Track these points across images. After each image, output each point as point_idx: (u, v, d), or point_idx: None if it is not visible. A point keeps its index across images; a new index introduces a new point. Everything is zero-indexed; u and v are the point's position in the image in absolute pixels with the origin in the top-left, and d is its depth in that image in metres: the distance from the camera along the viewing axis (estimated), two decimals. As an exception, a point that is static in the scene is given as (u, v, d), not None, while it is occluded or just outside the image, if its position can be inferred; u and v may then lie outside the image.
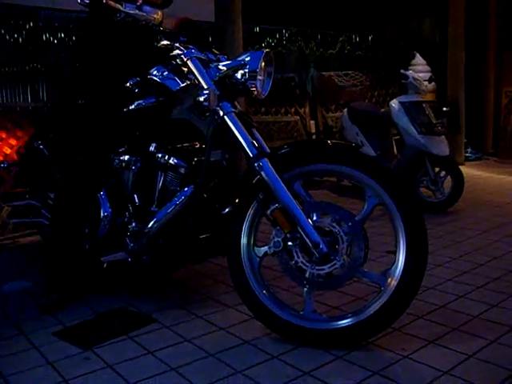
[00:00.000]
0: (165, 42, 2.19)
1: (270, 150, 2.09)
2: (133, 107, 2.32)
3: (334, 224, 1.91)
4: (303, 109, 6.03)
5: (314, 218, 1.93)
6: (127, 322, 2.25)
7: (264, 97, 2.18)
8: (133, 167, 2.36)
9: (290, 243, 1.94)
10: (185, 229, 2.23)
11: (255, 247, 2.05)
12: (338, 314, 2.15)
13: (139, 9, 2.32)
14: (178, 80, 2.22)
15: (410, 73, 4.27)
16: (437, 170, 4.22)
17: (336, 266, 1.90)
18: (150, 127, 2.34)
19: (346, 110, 4.98)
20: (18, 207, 2.98)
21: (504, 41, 7.55)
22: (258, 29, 6.00)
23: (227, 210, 2.09)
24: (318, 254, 1.89)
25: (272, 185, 1.92)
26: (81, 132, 2.47)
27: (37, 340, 2.11)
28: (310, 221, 1.91)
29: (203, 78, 2.07)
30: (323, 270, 1.91)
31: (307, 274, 1.94)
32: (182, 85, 2.21)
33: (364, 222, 1.93)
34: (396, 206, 1.87)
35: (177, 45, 2.16)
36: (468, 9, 6.65)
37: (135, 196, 2.38)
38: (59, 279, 2.45)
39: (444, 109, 4.48)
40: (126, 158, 2.37)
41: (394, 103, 4.29)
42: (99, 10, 2.25)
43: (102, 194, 2.42)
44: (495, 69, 7.62)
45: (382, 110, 4.77)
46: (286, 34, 6.22)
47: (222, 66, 2.12)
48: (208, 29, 5.11)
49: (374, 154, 4.52)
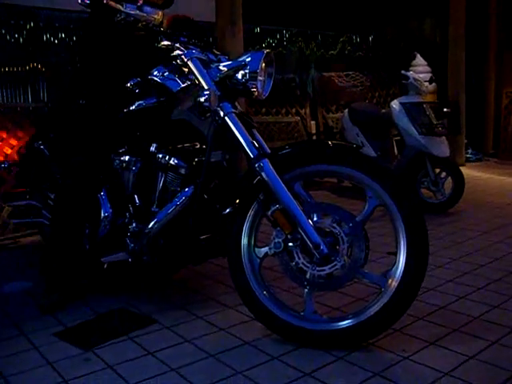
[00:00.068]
0: (165, 43, 2.19)
1: (270, 151, 2.09)
2: (133, 107, 2.32)
3: (335, 225, 1.91)
4: (304, 109, 6.03)
5: (315, 219, 1.93)
6: (128, 323, 2.25)
7: (264, 97, 2.18)
8: (133, 167, 2.36)
9: (290, 244, 1.94)
10: (185, 229, 2.24)
11: (256, 248, 2.05)
12: (338, 315, 2.15)
13: (140, 9, 2.32)
14: (178, 80, 2.22)
15: (411, 73, 4.27)
16: (437, 170, 4.22)
17: (336, 266, 1.90)
18: (151, 128, 2.34)
19: (346, 111, 4.97)
20: (18, 207, 2.98)
21: (504, 41, 7.56)
22: (258, 29, 6.00)
23: (228, 210, 2.09)
24: (318, 255, 1.89)
25: (272, 186, 1.92)
26: (81, 132, 2.48)
27: (37, 340, 2.11)
28: (310, 222, 1.91)
29: (204, 78, 2.07)
30: (324, 270, 1.91)
31: (308, 275, 1.94)
32: (183, 85, 2.21)
33: (365, 222, 1.93)
34: (397, 207, 1.87)
35: (177, 45, 2.17)
36: (468, 9, 6.65)
37: (135, 196, 2.38)
38: (59, 279, 2.45)
39: (445, 109, 4.47)
40: (126, 158, 2.37)
41: (395, 104, 4.29)
42: (100, 11, 2.25)
43: (102, 194, 2.42)
44: (496, 69, 7.63)
45: (383, 111, 4.77)
46: (287, 35, 6.21)
47: (222, 67, 2.12)
48: (209, 29, 5.11)
49: (375, 155, 4.52)
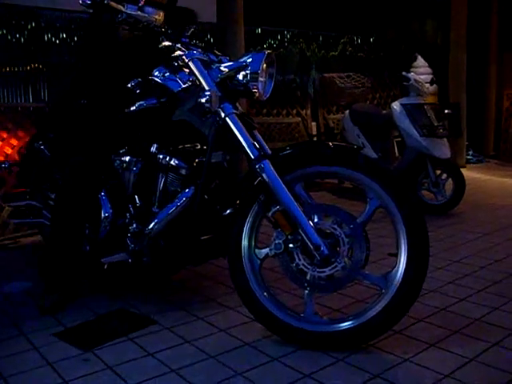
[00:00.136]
0: (166, 43, 2.19)
1: (271, 152, 2.09)
2: (134, 108, 2.32)
3: (336, 226, 1.91)
4: (305, 110, 6.02)
5: (316, 220, 1.93)
6: (127, 324, 2.25)
7: (266, 98, 2.18)
8: (134, 168, 2.36)
9: (290, 245, 1.94)
10: (185, 230, 2.23)
11: (256, 249, 2.05)
12: (338, 317, 2.15)
13: (141, 10, 2.31)
14: (179, 81, 2.22)
15: (412, 75, 4.26)
16: (438, 172, 4.22)
17: (337, 268, 1.89)
18: (151, 128, 2.34)
19: (347, 112, 4.97)
20: (18, 207, 2.97)
21: (505, 43, 7.55)
22: (259, 30, 5.99)
23: (228, 211, 2.09)
24: (319, 257, 1.88)
25: (273, 187, 1.92)
26: (82, 132, 2.47)
27: (37, 340, 2.11)
28: (311, 223, 1.90)
29: (205, 79, 2.07)
30: (324, 272, 1.91)
31: (308, 277, 1.94)
32: (184, 86, 2.20)
33: (365, 224, 1.93)
34: (397, 208, 1.87)
35: (178, 46, 2.17)
36: (470, 11, 6.65)
37: (136, 197, 2.38)
38: (59, 280, 2.45)
39: (446, 111, 4.47)
40: (127, 158, 2.36)
41: (396, 105, 4.29)
42: (101, 11, 2.25)
43: (102, 194, 2.42)
44: (496, 71, 7.62)
45: (384, 112, 4.76)
46: (288, 36, 6.20)
47: (223, 68, 2.12)
48: (210, 30, 5.12)
49: (375, 156, 4.51)
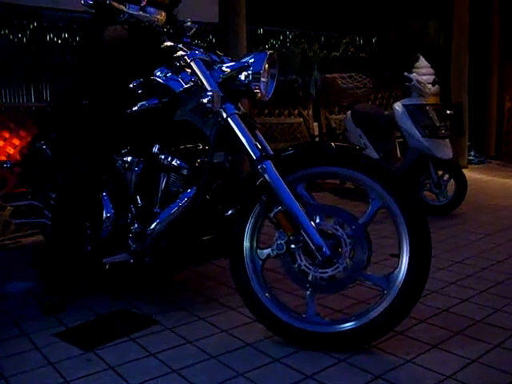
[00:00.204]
0: (168, 43, 2.18)
1: (273, 152, 2.09)
2: (136, 108, 2.32)
3: (338, 227, 1.91)
4: (306, 111, 6.02)
5: (317, 221, 1.93)
6: (129, 324, 2.25)
7: (268, 99, 2.17)
8: (135, 168, 2.36)
9: (292, 246, 1.94)
10: (187, 230, 2.23)
11: (258, 249, 2.05)
12: (340, 318, 2.15)
13: (143, 10, 2.31)
14: (181, 81, 2.21)
15: (414, 75, 4.26)
16: (440, 173, 4.21)
17: (339, 269, 1.89)
18: (153, 128, 2.33)
19: (349, 113, 4.96)
20: (20, 207, 2.97)
21: (508, 44, 7.53)
22: (261, 30, 6.00)
23: (230, 211, 2.09)
24: (321, 257, 1.88)
25: (275, 187, 1.91)
26: (83, 133, 2.47)
27: (38, 340, 2.11)
28: (313, 223, 1.90)
29: (207, 79, 2.07)
30: (326, 273, 1.90)
31: (310, 277, 1.93)
32: (186, 86, 2.20)
33: (367, 224, 1.92)
34: (399, 209, 1.87)
35: (180, 46, 2.16)
36: (472, 11, 6.63)
37: (138, 197, 2.37)
38: (60, 280, 2.45)
39: (448, 112, 4.46)
40: (128, 159, 2.36)
41: (398, 106, 4.28)
42: (103, 11, 2.25)
43: (104, 195, 2.42)
44: (498, 72, 7.61)
45: (386, 113, 4.76)
46: (290, 36, 6.21)
47: (225, 68, 2.12)
48: (212, 30, 5.12)
49: (377, 157, 4.50)
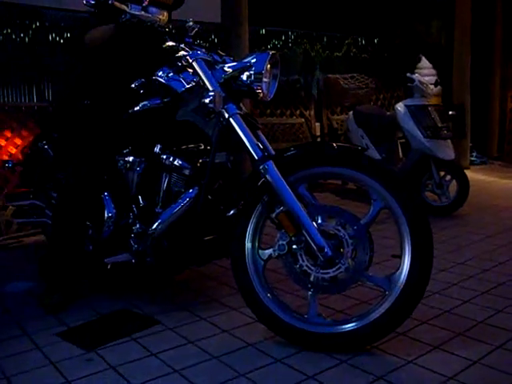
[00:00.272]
0: (170, 43, 2.18)
1: (274, 153, 2.08)
2: (138, 108, 2.32)
3: (339, 227, 1.90)
4: (308, 111, 6.02)
5: (319, 221, 1.92)
6: (130, 324, 2.25)
7: (269, 99, 2.17)
8: (137, 168, 2.36)
9: (294, 246, 1.94)
10: (189, 230, 2.23)
11: (260, 250, 2.04)
12: (342, 318, 2.14)
13: (145, 10, 2.31)
14: (183, 81, 2.21)
15: (416, 76, 4.26)
16: (442, 173, 4.21)
17: (341, 269, 1.89)
18: (155, 128, 2.33)
19: (351, 113, 4.96)
20: (22, 207, 2.97)
21: (510, 44, 7.52)
22: (264, 31, 5.99)
23: (232, 212, 2.09)
24: (322, 258, 1.88)
25: (277, 187, 1.91)
26: (85, 132, 2.47)
27: (40, 340, 2.11)
28: (314, 224, 1.90)
29: (208, 79, 2.07)
30: (328, 273, 1.90)
31: (312, 278, 1.93)
32: (188, 86, 2.20)
33: (369, 225, 1.92)
34: (401, 210, 1.86)
35: (182, 46, 2.16)
36: (474, 12, 6.63)
37: (139, 197, 2.37)
38: (61, 280, 2.45)
39: (450, 112, 4.46)
40: (130, 158, 2.36)
41: (400, 106, 4.28)
42: (105, 11, 2.25)
43: (106, 194, 2.42)
44: (501, 72, 7.59)
45: (388, 113, 4.76)
46: (292, 36, 6.21)
47: (227, 68, 2.12)
48: (214, 30, 5.12)
49: (379, 158, 4.50)
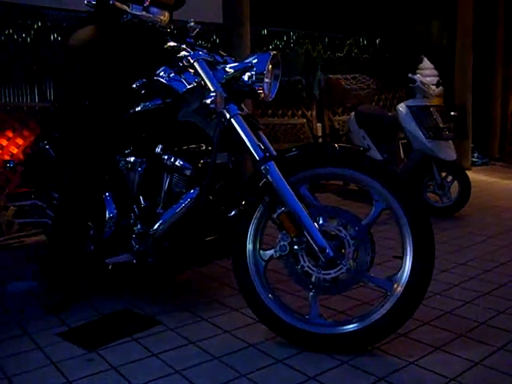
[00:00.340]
0: (172, 44, 2.18)
1: (276, 153, 2.08)
2: (139, 109, 2.32)
3: (341, 228, 1.90)
4: (310, 111, 6.02)
5: (321, 222, 1.92)
6: (132, 324, 2.25)
7: (271, 99, 2.17)
8: (138, 168, 2.36)
9: (296, 247, 1.93)
10: (190, 231, 2.23)
11: (261, 251, 2.04)
12: (343, 319, 2.14)
13: (146, 10, 2.31)
14: (184, 82, 2.21)
15: (418, 77, 4.25)
16: (443, 174, 4.21)
17: (342, 270, 1.89)
18: (156, 129, 2.33)
19: (353, 114, 4.96)
20: (23, 207, 2.97)
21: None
22: (265, 31, 5.99)
23: (233, 212, 2.08)
24: (324, 259, 1.88)
25: (278, 188, 1.91)
26: (86, 133, 2.47)
27: (41, 340, 2.11)
28: (316, 225, 1.90)
29: (210, 80, 2.07)
30: (329, 274, 1.90)
31: (313, 279, 1.93)
32: (189, 87, 2.20)
33: (371, 226, 1.92)
34: (403, 211, 1.86)
35: (183, 46, 2.16)
36: (476, 12, 6.62)
37: (141, 197, 2.37)
38: (62, 280, 2.45)
39: (451, 113, 4.45)
40: (131, 159, 2.36)
41: (402, 107, 4.28)
42: (106, 11, 2.25)
43: (107, 195, 2.42)
44: (503, 72, 7.59)
45: (390, 114, 4.75)
46: (294, 37, 6.20)
47: (228, 68, 2.11)
48: (215, 30, 5.12)
49: (381, 158, 4.50)
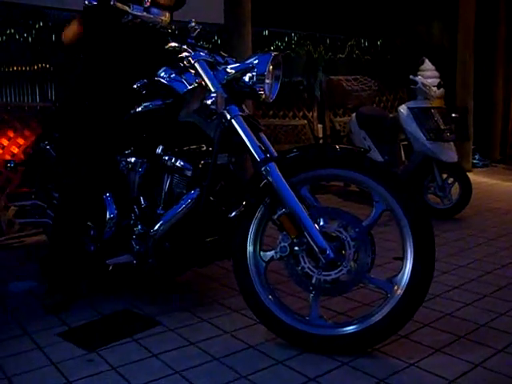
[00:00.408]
0: (173, 44, 2.18)
1: (277, 154, 2.08)
2: (140, 109, 2.31)
3: (341, 229, 1.90)
4: (311, 113, 6.02)
5: (321, 223, 1.92)
6: (132, 324, 2.24)
7: (272, 100, 2.17)
8: (139, 169, 2.36)
9: (296, 248, 1.93)
10: (191, 232, 2.23)
11: (261, 252, 2.04)
12: (343, 320, 2.14)
13: (147, 11, 2.31)
14: (185, 82, 2.21)
15: (419, 78, 4.25)
16: (444, 176, 4.20)
17: (343, 271, 1.88)
18: (157, 129, 2.33)
19: (354, 115, 4.96)
20: (24, 207, 2.98)
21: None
22: (267, 32, 6.00)
23: (233, 213, 2.08)
24: (324, 260, 1.87)
25: (279, 189, 1.91)
26: (87, 133, 2.47)
27: (41, 340, 2.11)
28: (316, 226, 1.89)
29: (211, 80, 2.06)
30: (330, 275, 1.90)
31: (313, 280, 1.92)
32: (190, 87, 2.20)
33: (371, 227, 1.92)
34: (403, 212, 1.86)
35: (184, 47, 2.16)
36: (477, 14, 6.62)
37: (141, 198, 2.37)
38: (62, 280, 2.45)
39: (453, 115, 4.44)
40: (132, 159, 2.36)
41: (403, 108, 4.27)
42: (107, 12, 2.24)
43: (107, 195, 2.42)
44: (504, 74, 7.58)
45: (391, 115, 4.75)
46: (295, 38, 6.21)
47: (229, 69, 2.11)
48: (217, 31, 5.12)
49: (382, 160, 4.49)
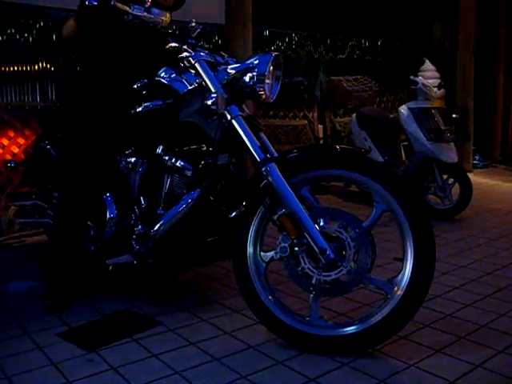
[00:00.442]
0: (173, 44, 2.17)
1: (277, 155, 2.08)
2: (140, 109, 2.31)
3: (342, 230, 1.90)
4: (311, 113, 6.01)
5: (321, 224, 1.92)
6: (132, 325, 2.24)
7: (272, 100, 2.16)
8: (139, 169, 2.36)
9: (296, 249, 1.93)
10: (191, 232, 2.23)
11: (261, 252, 2.04)
12: (343, 321, 2.14)
13: (147, 11, 2.31)
14: (185, 82, 2.21)
15: (420, 79, 4.24)
16: (445, 177, 4.20)
17: (343, 272, 1.88)
18: (157, 129, 2.33)
19: (354, 115, 4.96)
20: (24, 207, 2.98)
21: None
22: (267, 32, 6.00)
23: (234, 213, 2.08)
24: (324, 260, 1.87)
25: (279, 190, 1.91)
26: (87, 133, 2.46)
27: (41, 340, 2.11)
28: (317, 226, 1.89)
29: (211, 81, 2.06)
30: (330, 276, 1.90)
31: (314, 280, 1.93)
32: (190, 87, 2.19)
33: (371, 228, 1.92)
34: (403, 213, 1.86)
35: (185, 47, 2.15)
36: (478, 14, 6.61)
37: (141, 198, 2.37)
38: (62, 280, 2.45)
39: (453, 115, 4.44)
40: (132, 159, 2.36)
41: (403, 109, 4.27)
42: (107, 12, 2.24)
43: (107, 195, 2.42)
44: (504, 74, 7.58)
45: (391, 116, 4.75)
46: (296, 38, 6.21)
47: (230, 69, 2.11)
48: (217, 31, 5.12)
49: (382, 160, 4.49)
